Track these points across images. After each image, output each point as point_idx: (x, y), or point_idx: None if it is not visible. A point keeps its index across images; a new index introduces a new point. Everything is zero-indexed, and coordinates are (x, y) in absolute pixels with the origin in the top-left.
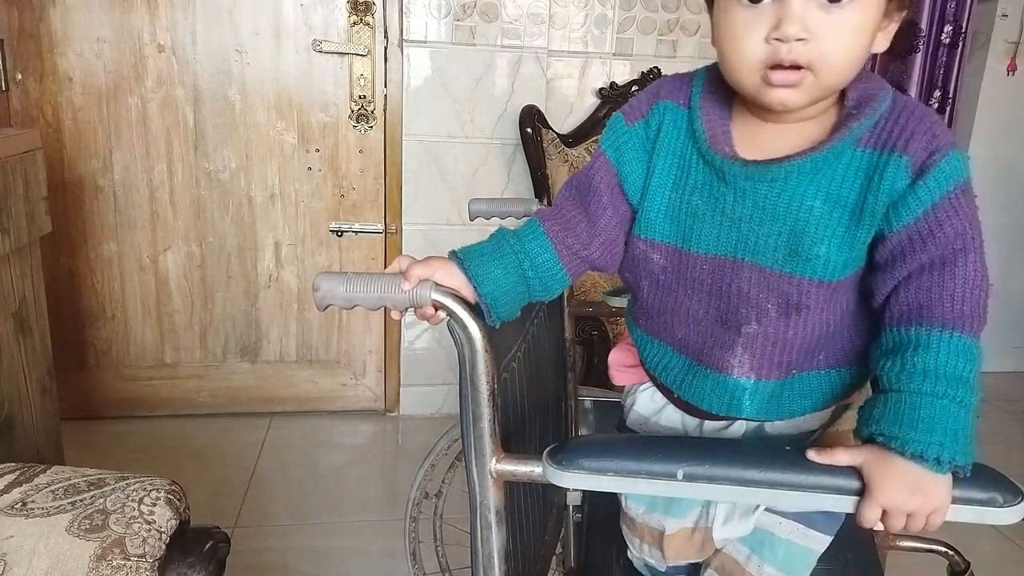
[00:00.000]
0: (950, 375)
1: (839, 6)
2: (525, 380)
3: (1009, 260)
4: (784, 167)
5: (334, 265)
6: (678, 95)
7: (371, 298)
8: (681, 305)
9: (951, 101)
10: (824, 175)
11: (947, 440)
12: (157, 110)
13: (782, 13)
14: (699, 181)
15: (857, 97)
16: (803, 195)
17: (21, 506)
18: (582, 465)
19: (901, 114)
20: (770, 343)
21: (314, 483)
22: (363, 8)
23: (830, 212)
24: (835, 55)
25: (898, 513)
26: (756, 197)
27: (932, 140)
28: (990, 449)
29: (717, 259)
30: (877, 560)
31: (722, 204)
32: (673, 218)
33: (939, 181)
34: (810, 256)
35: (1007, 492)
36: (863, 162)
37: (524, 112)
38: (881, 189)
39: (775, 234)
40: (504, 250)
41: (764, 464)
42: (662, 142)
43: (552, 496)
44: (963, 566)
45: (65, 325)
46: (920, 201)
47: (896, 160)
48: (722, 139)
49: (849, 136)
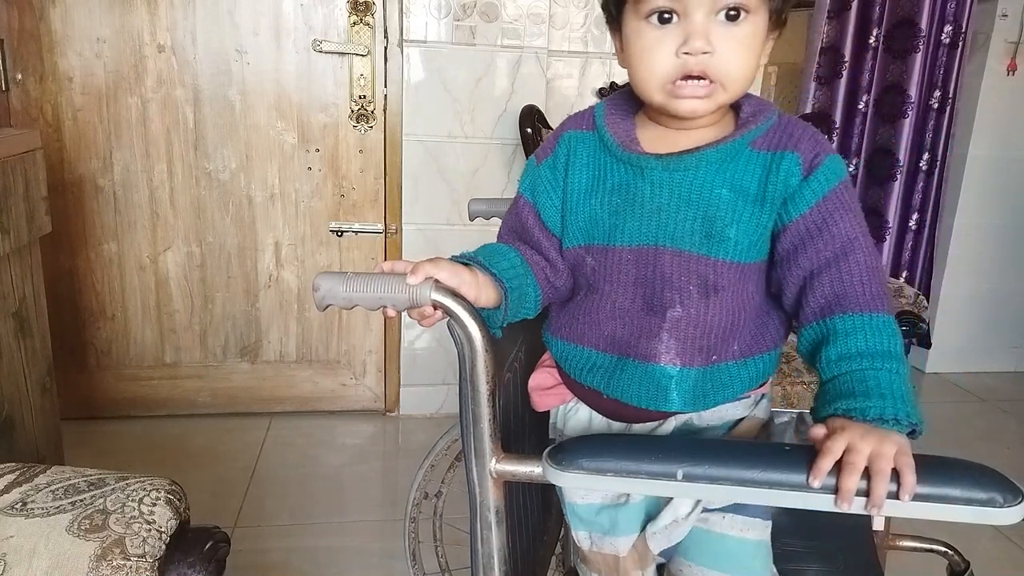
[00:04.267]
0: (883, 351)
1: (736, 23)
2: (526, 380)
3: (1009, 260)
4: (695, 156)
5: (334, 265)
6: (581, 123)
7: (371, 298)
8: (608, 300)
9: (951, 101)
10: (728, 168)
11: (899, 403)
12: (157, 110)
13: (689, 30)
14: (615, 182)
15: (751, 109)
16: (712, 183)
17: (21, 506)
18: (582, 465)
19: (788, 125)
20: (692, 326)
21: (314, 483)
22: (363, 8)
23: (736, 200)
24: (735, 64)
25: (855, 450)
26: (671, 186)
27: (816, 144)
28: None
29: (640, 249)
30: (877, 560)
31: (640, 197)
32: (596, 221)
33: (827, 176)
34: (722, 238)
35: (1007, 492)
36: (760, 160)
37: (524, 112)
38: (778, 180)
39: (691, 219)
40: (505, 252)
41: (764, 464)
42: (573, 165)
43: (552, 496)
44: (963, 566)
45: (65, 325)
46: (813, 192)
47: (789, 157)
48: (632, 142)
49: (748, 135)
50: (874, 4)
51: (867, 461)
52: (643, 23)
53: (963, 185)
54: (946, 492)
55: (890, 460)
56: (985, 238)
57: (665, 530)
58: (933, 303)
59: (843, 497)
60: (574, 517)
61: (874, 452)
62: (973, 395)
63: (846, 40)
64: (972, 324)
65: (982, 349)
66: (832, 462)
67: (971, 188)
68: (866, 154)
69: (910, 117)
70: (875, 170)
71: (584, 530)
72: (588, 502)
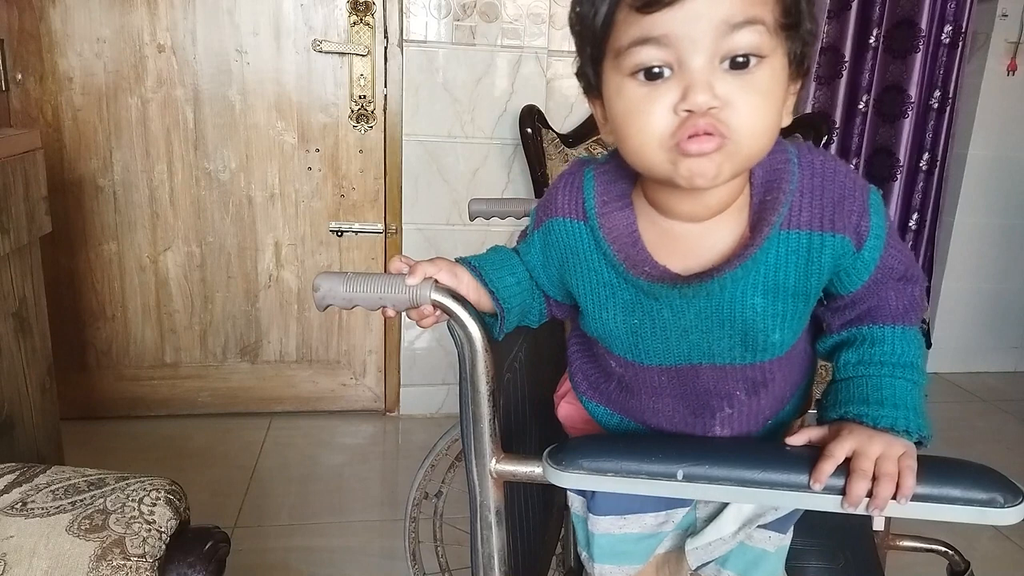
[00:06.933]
0: (904, 361)
1: (747, 71)
2: (526, 380)
3: (1009, 260)
4: (716, 281)
5: (334, 265)
6: (568, 204)
7: (371, 298)
8: (648, 405)
9: (951, 101)
10: (758, 271)
11: (911, 415)
12: (157, 110)
13: (688, 83)
14: (628, 300)
15: (764, 176)
16: (743, 296)
17: (21, 506)
18: (582, 465)
19: (815, 184)
20: (745, 415)
21: (314, 483)
22: (363, 8)
23: (773, 302)
24: (751, 120)
25: (864, 455)
26: (696, 309)
27: (854, 203)
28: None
29: (674, 368)
30: (877, 560)
31: (661, 320)
32: (613, 336)
33: (878, 239)
34: (766, 346)
35: (1007, 492)
36: (793, 244)
37: (524, 112)
38: (823, 268)
39: (726, 337)
40: (514, 265)
41: (764, 464)
42: (569, 265)
43: (552, 496)
44: (963, 566)
45: (65, 325)
46: (868, 264)
47: (831, 240)
48: (637, 255)
49: (774, 228)
50: (874, 4)
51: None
52: (627, 81)
53: (963, 185)
54: (946, 492)
55: (895, 463)
56: (985, 238)
57: (708, 547)
58: (933, 303)
59: (851, 502)
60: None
61: (881, 456)
62: (973, 395)
63: (846, 40)
64: (972, 324)
65: (982, 349)
66: (835, 466)
67: (971, 188)
68: (866, 154)
69: (910, 117)
70: (875, 170)
71: (614, 563)
72: (626, 532)
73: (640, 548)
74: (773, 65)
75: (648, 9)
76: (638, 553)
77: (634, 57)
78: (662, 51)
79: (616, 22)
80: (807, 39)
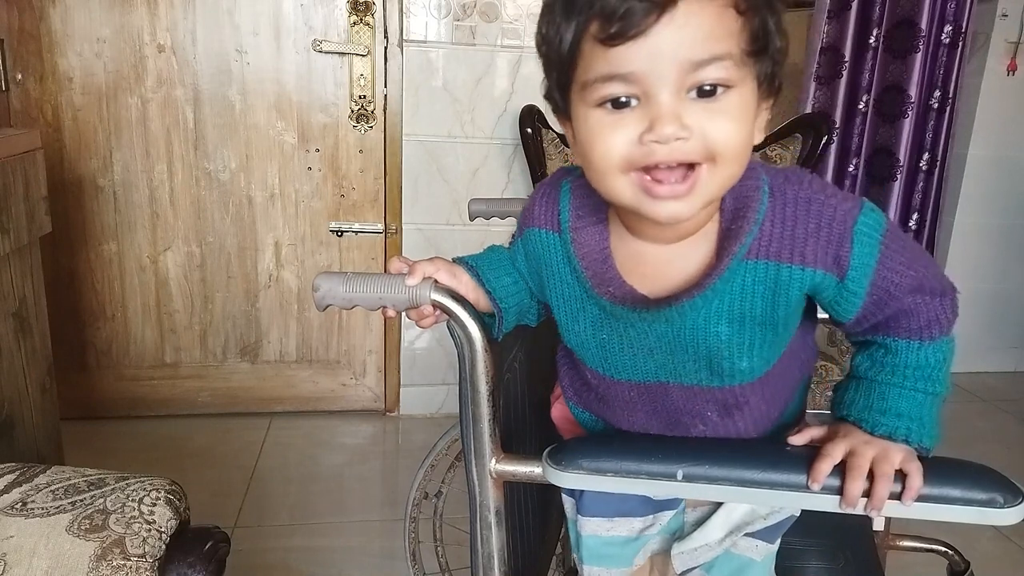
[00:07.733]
0: (919, 372)
1: (714, 98)
2: (525, 380)
3: (1009, 260)
4: (675, 309)
5: (334, 265)
6: (545, 215)
7: (371, 298)
8: (623, 418)
9: (951, 101)
10: (721, 300)
11: (913, 424)
12: (157, 110)
13: (655, 114)
14: (596, 317)
15: (733, 203)
16: (705, 324)
17: (21, 506)
18: (582, 465)
19: (787, 214)
20: (721, 434)
21: (314, 483)
22: (363, 8)
23: (739, 331)
24: (726, 144)
25: (860, 455)
26: (658, 333)
27: (831, 234)
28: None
29: (643, 385)
30: (877, 560)
31: (627, 338)
32: (586, 348)
33: (865, 267)
34: (733, 372)
35: (1007, 492)
36: (760, 274)
37: (524, 112)
38: (791, 300)
39: (690, 361)
40: (510, 265)
41: (764, 464)
42: (548, 273)
43: (552, 496)
44: (963, 566)
45: (65, 325)
46: (856, 293)
47: (799, 274)
48: (606, 273)
49: (736, 258)
50: (874, 4)
51: (871, 464)
52: (592, 110)
53: (963, 185)
54: (946, 492)
55: (893, 464)
56: (985, 238)
57: (694, 552)
58: None
59: (848, 501)
60: (588, 552)
61: (878, 455)
62: (973, 395)
63: (846, 40)
64: (972, 324)
65: (982, 349)
66: (831, 466)
67: (971, 188)
68: (866, 154)
69: (910, 117)
70: (875, 170)
71: (601, 566)
72: (613, 535)
73: (626, 551)
74: (742, 92)
75: (612, 42)
76: (624, 556)
77: (600, 91)
78: (629, 86)
79: (582, 52)
80: (776, 58)
